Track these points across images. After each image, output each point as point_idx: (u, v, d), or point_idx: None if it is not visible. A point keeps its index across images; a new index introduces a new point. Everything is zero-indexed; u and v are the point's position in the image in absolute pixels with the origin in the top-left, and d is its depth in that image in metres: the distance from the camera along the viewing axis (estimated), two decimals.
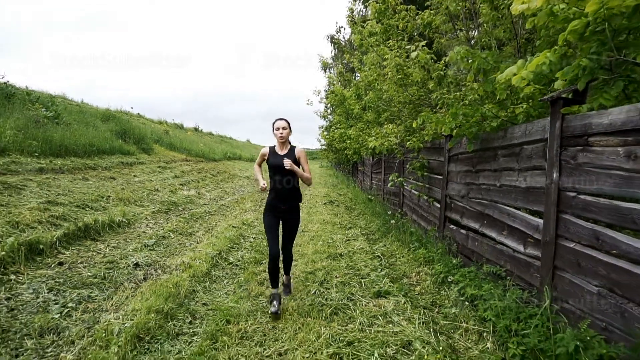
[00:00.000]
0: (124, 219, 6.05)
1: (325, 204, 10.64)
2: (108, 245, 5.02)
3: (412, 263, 4.88)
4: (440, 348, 2.77)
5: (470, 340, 2.99)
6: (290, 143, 3.81)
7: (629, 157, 2.30)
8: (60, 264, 4.17)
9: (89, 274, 4.03)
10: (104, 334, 2.78)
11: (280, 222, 3.78)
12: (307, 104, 13.43)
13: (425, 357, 2.61)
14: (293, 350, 2.78)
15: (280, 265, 3.82)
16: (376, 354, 2.65)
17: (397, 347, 2.78)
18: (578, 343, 2.24)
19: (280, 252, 3.71)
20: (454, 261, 4.43)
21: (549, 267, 2.97)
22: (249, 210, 8.98)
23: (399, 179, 6.54)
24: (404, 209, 7.61)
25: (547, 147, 3.05)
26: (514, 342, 2.67)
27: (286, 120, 3.75)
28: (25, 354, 2.58)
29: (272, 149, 3.78)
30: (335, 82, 13.35)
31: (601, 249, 2.49)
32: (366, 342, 2.85)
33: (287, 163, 3.48)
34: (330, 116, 18.18)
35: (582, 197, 2.69)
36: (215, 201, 10.05)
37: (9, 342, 2.69)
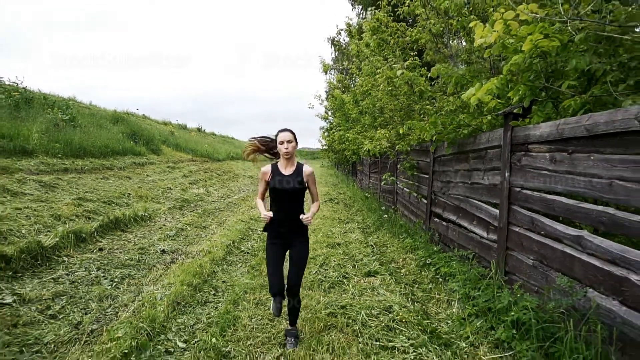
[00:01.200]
0: (146, 214, 6.81)
1: (325, 201, 11.38)
2: (136, 236, 5.79)
3: (400, 251, 5.63)
4: (415, 310, 3.52)
5: (440, 307, 3.75)
6: (296, 159, 3.17)
7: (552, 160, 3.06)
8: (101, 249, 4.94)
9: (125, 257, 4.80)
10: (149, 299, 3.55)
11: (286, 251, 3.15)
12: (309, 107, 14.18)
13: (401, 314, 3.37)
14: (301, 315, 3.54)
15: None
16: (363, 313, 3.41)
17: (380, 310, 3.53)
18: (510, 299, 3.01)
19: (285, 292, 3.05)
20: (435, 248, 5.19)
21: (503, 248, 3.72)
22: (254, 207, 9.73)
23: (391, 178, 7.31)
24: (397, 205, 8.37)
25: (502, 152, 3.81)
26: (470, 304, 3.44)
27: (291, 132, 3.05)
28: (92, 313, 3.34)
29: (274, 167, 3.07)
30: (334, 87, 14.08)
31: (535, 231, 3.25)
32: (356, 306, 3.61)
33: (307, 221, 2.94)
34: (330, 117, 18.92)
35: (524, 191, 3.45)
36: (223, 199, 10.81)
37: (78, 304, 3.46)
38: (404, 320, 3.30)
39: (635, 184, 2.27)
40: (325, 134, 21.64)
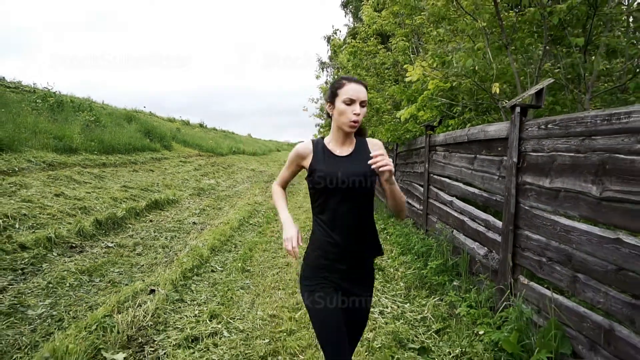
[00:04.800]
0: (174, 198, 8.78)
1: None
2: (171, 213, 7.76)
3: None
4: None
5: (386, 252, 5.73)
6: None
7: (444, 156, 5.03)
8: (151, 220, 6.91)
9: (169, 226, 6.77)
10: (195, 246, 5.51)
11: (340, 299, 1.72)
12: (304, 109, 16.01)
13: None
14: (290, 256, 5.51)
15: None
16: None
17: None
18: (418, 241, 5.01)
19: None
20: (391, 220, 7.18)
21: (425, 214, 5.70)
22: (257, 195, 11.67)
23: None
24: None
25: (425, 150, 5.77)
26: (400, 247, 5.44)
27: (365, 86, 1.71)
28: (159, 254, 5.31)
29: (319, 145, 1.80)
30: (325, 90, 15.90)
31: (438, 200, 5.22)
32: None
33: (384, 163, 1.49)
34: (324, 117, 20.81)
35: (433, 176, 5.43)
36: (230, 188, 12.77)
37: (150, 249, 5.43)
38: None
39: (470, 170, 4.24)
40: (322, 130, 23.53)
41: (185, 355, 2.85)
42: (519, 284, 3.13)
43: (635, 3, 4.09)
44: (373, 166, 1.50)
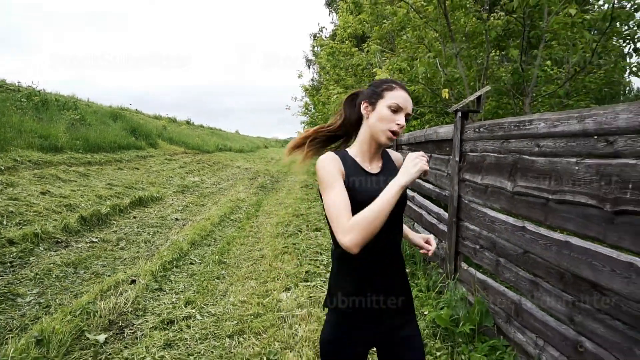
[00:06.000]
0: (158, 195, 9.07)
1: (301, 187, 13.67)
2: (154, 210, 8.05)
3: None
4: None
5: None
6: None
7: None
8: (134, 217, 7.21)
9: (152, 222, 7.08)
10: (176, 241, 5.83)
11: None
12: (286, 108, 16.32)
13: (325, 245, 5.72)
14: (265, 249, 5.86)
15: None
16: (304, 246, 5.75)
17: (315, 245, 5.87)
18: None
19: None
20: None
21: None
22: (241, 192, 11.98)
23: None
24: None
25: (393, 149, 6.17)
26: None
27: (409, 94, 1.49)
28: (141, 249, 5.62)
29: (346, 157, 1.47)
30: (306, 89, 16.31)
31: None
32: (302, 244, 5.94)
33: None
34: (311, 108, 21.10)
35: None
36: (214, 185, 13.05)
37: (133, 244, 5.74)
38: (326, 249, 5.66)
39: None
40: (306, 127, 23.86)
41: (161, 336, 3.20)
42: (460, 269, 3.53)
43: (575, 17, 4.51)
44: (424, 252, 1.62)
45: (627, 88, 15.90)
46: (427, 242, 1.61)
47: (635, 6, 3.16)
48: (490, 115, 4.12)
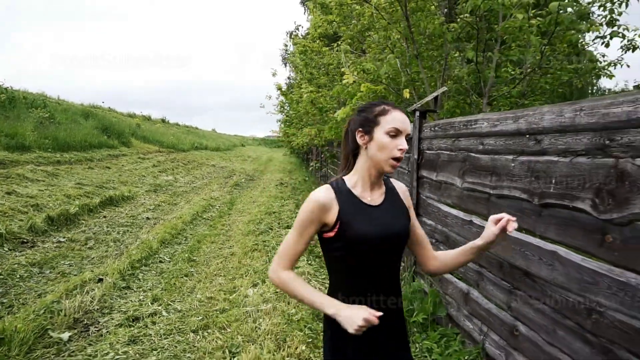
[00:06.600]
0: (130, 194, 8.99)
1: (276, 185, 13.71)
2: (126, 209, 7.99)
3: None
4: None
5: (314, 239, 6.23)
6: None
7: None
8: (105, 216, 7.15)
9: (123, 221, 7.03)
10: (146, 240, 5.83)
11: None
12: (261, 106, 16.29)
13: None
14: (235, 246, 5.91)
15: None
16: (274, 243, 5.83)
17: None
18: None
19: None
20: None
21: None
22: (215, 190, 11.96)
23: (317, 165, 9.77)
24: None
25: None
26: None
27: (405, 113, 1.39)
28: (110, 248, 5.60)
29: (342, 190, 1.37)
30: (279, 87, 16.23)
31: None
32: (272, 242, 6.02)
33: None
34: (283, 114, 21.12)
35: None
36: (188, 184, 12.98)
37: (102, 243, 5.71)
38: None
39: None
40: (282, 125, 23.84)
41: (125, 332, 3.24)
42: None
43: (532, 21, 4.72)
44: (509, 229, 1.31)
45: (595, 87, 16.53)
46: (497, 221, 1.35)
47: (580, 13, 3.38)
48: (449, 114, 4.29)
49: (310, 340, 3.12)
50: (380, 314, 1.18)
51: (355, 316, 1.17)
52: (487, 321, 2.47)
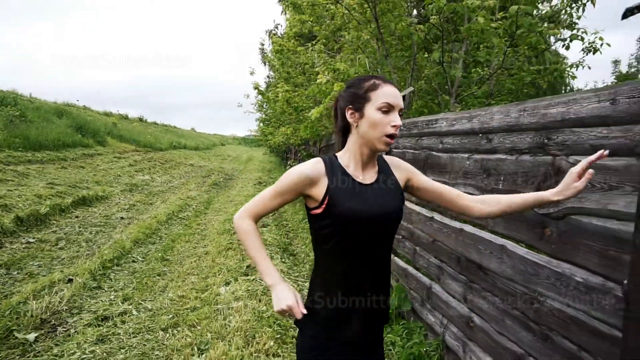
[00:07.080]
0: (104, 194, 8.87)
1: (255, 184, 13.70)
2: (99, 209, 7.88)
3: (294, 213, 8.15)
4: (283, 241, 6.01)
5: (298, 239, 6.27)
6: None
7: None
8: (77, 217, 7.04)
9: (96, 221, 6.94)
10: (119, 239, 5.78)
11: None
12: (239, 105, 16.20)
13: (271, 240, 5.85)
14: (210, 245, 5.91)
15: None
16: None
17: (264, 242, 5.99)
18: None
19: None
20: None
21: None
22: (192, 190, 11.88)
23: (294, 163, 9.81)
24: None
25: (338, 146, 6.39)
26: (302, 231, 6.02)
27: (396, 87, 1.33)
28: (82, 248, 5.54)
29: (333, 165, 1.35)
30: (257, 87, 16.20)
31: None
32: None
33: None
34: (262, 113, 21.08)
35: None
36: (165, 184, 12.85)
37: (73, 243, 5.64)
38: (270, 243, 5.80)
39: None
40: (261, 124, 23.74)
41: (94, 332, 3.23)
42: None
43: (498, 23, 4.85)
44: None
45: (569, 87, 17.03)
46: (580, 175, 1.20)
47: (539, 16, 3.52)
48: (417, 114, 4.39)
49: (279, 336, 3.16)
50: (305, 312, 1.28)
51: (283, 299, 1.28)
52: (447, 314, 2.56)
